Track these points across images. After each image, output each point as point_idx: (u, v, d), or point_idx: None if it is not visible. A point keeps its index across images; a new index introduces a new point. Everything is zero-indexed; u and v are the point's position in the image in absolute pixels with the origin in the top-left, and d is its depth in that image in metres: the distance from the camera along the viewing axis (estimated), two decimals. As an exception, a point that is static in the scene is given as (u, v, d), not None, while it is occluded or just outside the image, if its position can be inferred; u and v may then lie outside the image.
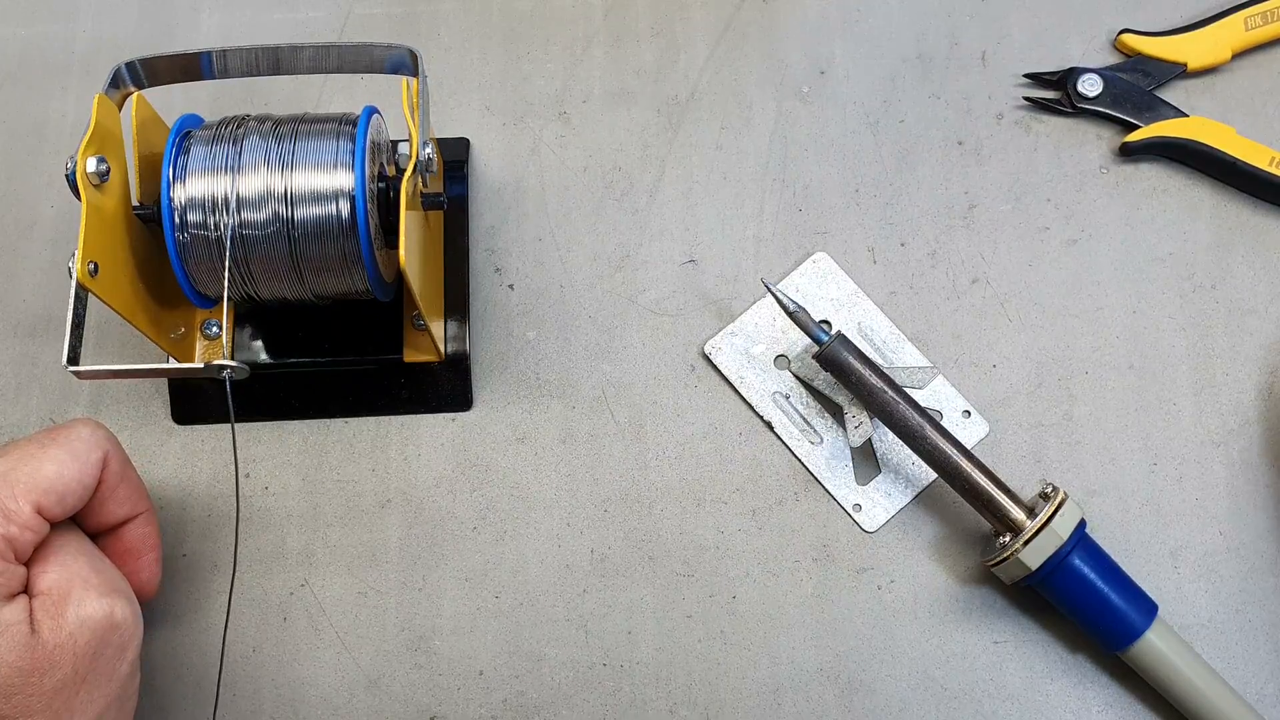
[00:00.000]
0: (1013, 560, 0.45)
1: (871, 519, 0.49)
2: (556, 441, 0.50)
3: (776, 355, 0.51)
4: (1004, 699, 0.47)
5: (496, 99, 0.55)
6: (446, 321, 0.51)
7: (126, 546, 0.44)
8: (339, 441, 0.51)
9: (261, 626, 0.48)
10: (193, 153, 0.43)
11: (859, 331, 0.51)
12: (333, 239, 0.43)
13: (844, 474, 0.50)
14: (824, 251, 0.52)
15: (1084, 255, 0.52)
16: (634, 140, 0.55)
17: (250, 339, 0.50)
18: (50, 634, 0.38)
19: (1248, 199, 0.53)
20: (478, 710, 0.47)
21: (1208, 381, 0.51)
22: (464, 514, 0.50)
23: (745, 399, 0.51)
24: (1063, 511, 0.45)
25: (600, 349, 0.52)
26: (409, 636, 0.48)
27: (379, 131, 0.45)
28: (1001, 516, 0.45)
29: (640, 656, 0.48)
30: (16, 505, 0.38)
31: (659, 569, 0.49)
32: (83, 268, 0.40)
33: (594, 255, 0.53)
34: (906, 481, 0.50)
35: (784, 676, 0.48)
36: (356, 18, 0.57)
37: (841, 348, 0.47)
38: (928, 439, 0.46)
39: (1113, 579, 0.45)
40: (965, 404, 0.50)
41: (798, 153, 0.54)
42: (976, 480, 0.46)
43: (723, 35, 0.56)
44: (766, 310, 0.52)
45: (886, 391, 0.46)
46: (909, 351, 0.51)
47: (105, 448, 0.42)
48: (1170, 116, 0.53)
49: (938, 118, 0.55)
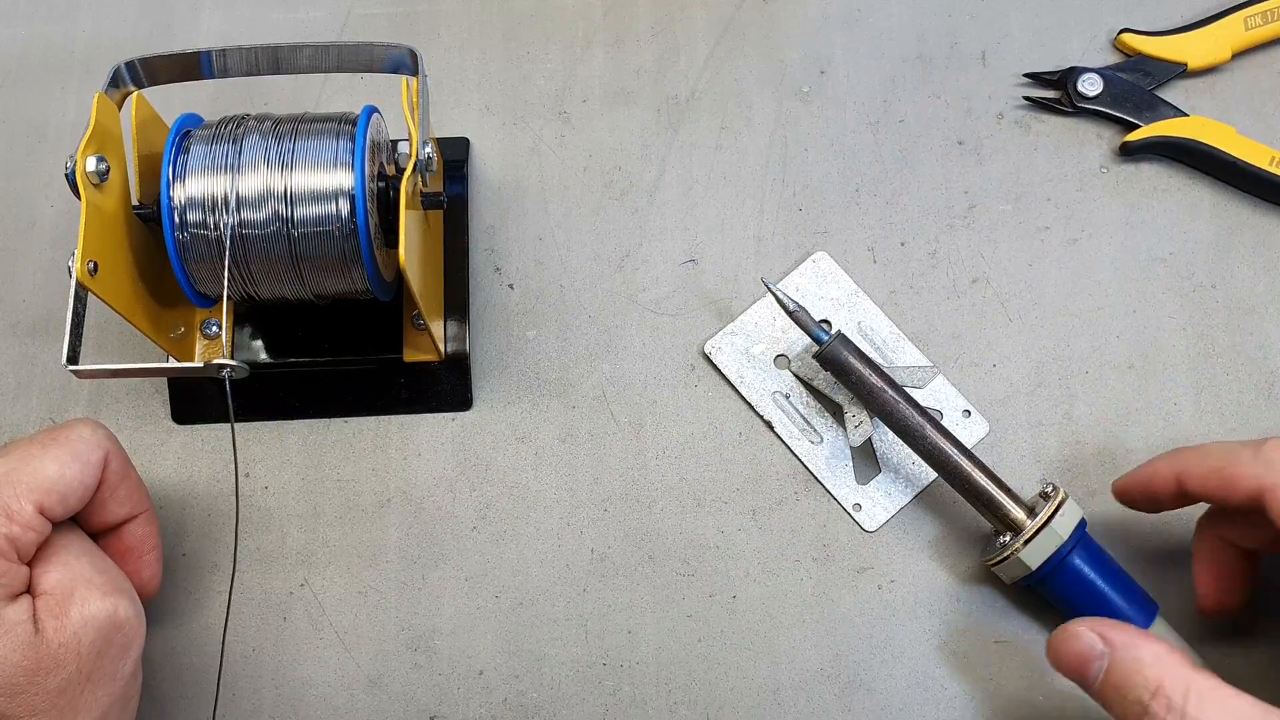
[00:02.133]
0: (1013, 560, 0.45)
1: (872, 518, 0.49)
2: (556, 441, 0.50)
3: (776, 355, 0.51)
4: (1004, 699, 0.47)
5: (496, 99, 0.55)
6: (446, 321, 0.51)
7: (127, 546, 0.44)
8: (339, 441, 0.51)
9: (261, 626, 0.48)
10: (192, 152, 0.43)
11: (859, 331, 0.51)
12: (332, 238, 0.43)
13: (844, 473, 0.50)
14: (824, 251, 0.52)
15: (1084, 255, 0.52)
16: (634, 140, 0.55)
17: (250, 339, 0.50)
18: (54, 633, 0.38)
19: (1248, 199, 0.53)
20: (478, 710, 0.47)
21: (1208, 381, 0.51)
22: (464, 514, 0.50)
23: (745, 398, 0.51)
24: (1063, 511, 0.45)
25: (600, 349, 0.52)
26: (409, 636, 0.48)
27: (379, 131, 0.45)
28: (1001, 516, 0.45)
29: (640, 656, 0.48)
30: (19, 505, 0.38)
31: (659, 569, 0.49)
32: (82, 267, 0.40)
33: (594, 255, 0.53)
34: (907, 481, 0.50)
35: (784, 676, 0.47)
36: (356, 18, 0.57)
37: (842, 347, 0.47)
38: (928, 438, 0.46)
39: (1113, 579, 0.45)
40: (965, 404, 0.50)
41: (798, 153, 0.54)
42: (976, 479, 0.46)
43: (723, 35, 0.56)
44: (766, 310, 0.52)
45: (887, 391, 0.46)
46: (909, 351, 0.51)
47: (106, 447, 0.42)
48: (1170, 116, 0.53)
49: (938, 118, 0.55)
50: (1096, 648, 0.40)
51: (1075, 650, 0.40)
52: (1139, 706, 0.38)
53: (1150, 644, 0.39)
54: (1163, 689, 0.37)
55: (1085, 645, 0.40)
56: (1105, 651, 0.39)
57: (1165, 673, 0.38)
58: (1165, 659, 0.38)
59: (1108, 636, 0.40)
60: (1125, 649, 0.39)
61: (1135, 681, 0.38)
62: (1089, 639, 0.40)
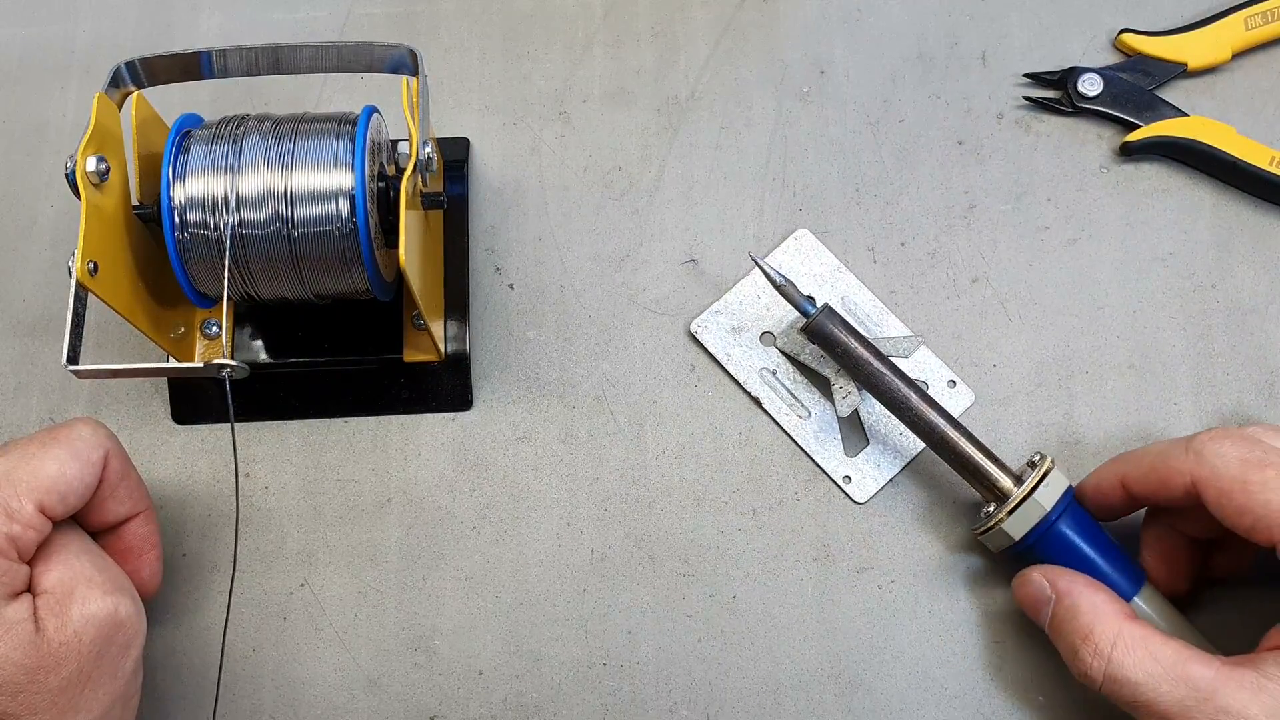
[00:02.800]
0: (997, 530, 0.45)
1: (862, 490, 0.49)
2: (556, 441, 0.50)
3: (762, 332, 0.51)
4: (1004, 698, 0.47)
5: (496, 99, 0.55)
6: (446, 321, 0.51)
7: (127, 545, 0.44)
8: (339, 441, 0.51)
9: (261, 626, 0.48)
10: (192, 152, 0.43)
11: (842, 305, 0.52)
12: (332, 238, 0.43)
13: (833, 447, 0.50)
14: (805, 229, 0.52)
15: (1084, 255, 0.52)
16: (634, 140, 0.55)
17: (250, 339, 0.50)
18: (55, 632, 0.38)
19: (1248, 198, 0.53)
20: (478, 710, 0.47)
21: (1208, 381, 0.51)
22: (464, 514, 0.50)
23: (733, 376, 0.51)
24: (1048, 481, 0.45)
25: (600, 349, 0.52)
26: (409, 636, 0.48)
27: (379, 131, 0.45)
28: (989, 485, 0.46)
29: (640, 656, 0.48)
30: (19, 504, 0.39)
31: (659, 569, 0.49)
32: (82, 267, 0.40)
33: (594, 255, 0.53)
34: (895, 452, 0.50)
35: (784, 676, 0.47)
36: (356, 18, 0.57)
37: (828, 320, 0.47)
38: (914, 409, 0.46)
39: (1100, 547, 0.45)
40: (950, 374, 0.51)
41: (798, 153, 0.54)
42: (963, 449, 0.46)
43: (723, 35, 0.56)
44: (751, 287, 0.52)
45: (873, 362, 0.47)
46: (892, 322, 0.51)
47: (106, 447, 0.42)
48: (1170, 116, 0.53)
49: (938, 118, 0.55)
50: (1045, 592, 0.43)
51: (1028, 594, 0.44)
52: (1071, 650, 0.42)
53: (1089, 593, 0.42)
54: (1092, 635, 0.41)
55: (1035, 589, 0.44)
56: (1051, 597, 0.43)
57: (1097, 621, 0.41)
58: (1101, 608, 0.41)
59: (1054, 582, 0.43)
60: (1066, 596, 0.42)
61: (1070, 627, 0.42)
62: (1039, 584, 0.44)
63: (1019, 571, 0.45)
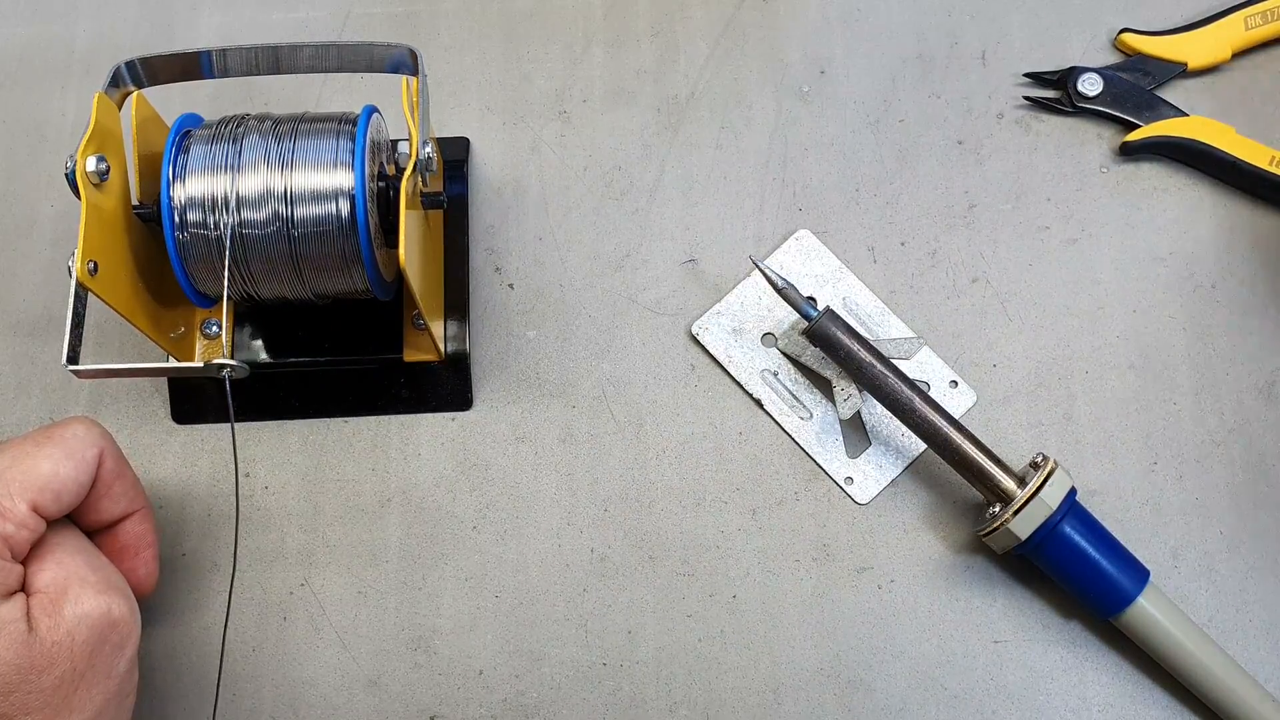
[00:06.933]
0: (1003, 530, 0.45)
1: (864, 491, 0.49)
2: (556, 441, 0.50)
3: (764, 333, 0.51)
4: (1004, 698, 0.47)
5: (496, 99, 0.55)
6: (446, 321, 0.51)
7: (123, 543, 0.44)
8: (339, 441, 0.51)
9: (261, 626, 0.48)
10: (192, 152, 0.43)
11: (844, 306, 0.52)
12: (332, 238, 0.43)
13: (835, 448, 0.50)
14: (806, 229, 0.52)
15: (1084, 255, 0.52)
16: (634, 140, 0.55)
17: (250, 338, 0.50)
18: (48, 631, 0.38)
19: (1248, 198, 0.53)
20: (478, 710, 0.47)
21: (1208, 381, 0.51)
22: (464, 514, 0.50)
23: (734, 378, 0.51)
24: (1052, 481, 0.45)
25: (600, 349, 0.52)
26: (409, 636, 0.48)
27: (379, 131, 0.45)
28: (991, 486, 0.46)
29: (640, 656, 0.48)
30: (12, 503, 0.38)
31: (659, 569, 0.49)
32: (82, 267, 0.40)
33: (594, 255, 0.53)
34: (897, 453, 0.50)
35: (784, 676, 0.47)
36: (356, 17, 0.57)
37: (830, 323, 0.47)
38: (916, 410, 0.46)
39: (1104, 547, 0.45)
40: (952, 374, 0.51)
41: (798, 152, 0.54)
42: (966, 450, 0.46)
43: (723, 35, 0.56)
44: (752, 289, 0.52)
45: (875, 365, 0.47)
46: (894, 323, 0.51)
47: (100, 445, 0.42)
48: (1170, 116, 0.53)
49: (938, 117, 0.55)
50: None
51: None
52: None
53: None
54: None
55: None
56: None
57: None
58: None
59: None
60: None
61: None
62: None
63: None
